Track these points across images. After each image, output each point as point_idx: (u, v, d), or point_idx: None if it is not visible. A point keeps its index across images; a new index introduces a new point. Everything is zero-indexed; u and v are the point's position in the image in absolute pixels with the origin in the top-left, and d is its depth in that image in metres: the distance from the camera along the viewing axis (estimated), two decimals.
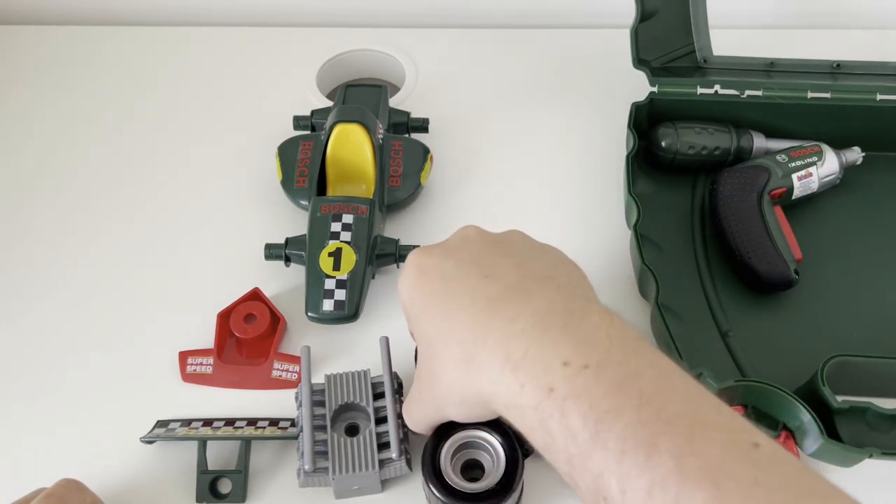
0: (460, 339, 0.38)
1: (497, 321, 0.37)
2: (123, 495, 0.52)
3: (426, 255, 0.44)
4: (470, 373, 0.38)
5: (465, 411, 0.41)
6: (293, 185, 0.64)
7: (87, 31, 0.81)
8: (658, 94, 0.66)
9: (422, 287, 0.42)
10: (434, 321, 0.40)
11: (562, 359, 0.34)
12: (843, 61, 0.67)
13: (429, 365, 0.42)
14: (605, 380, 0.33)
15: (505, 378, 0.35)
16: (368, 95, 0.68)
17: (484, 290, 0.39)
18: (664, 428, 0.31)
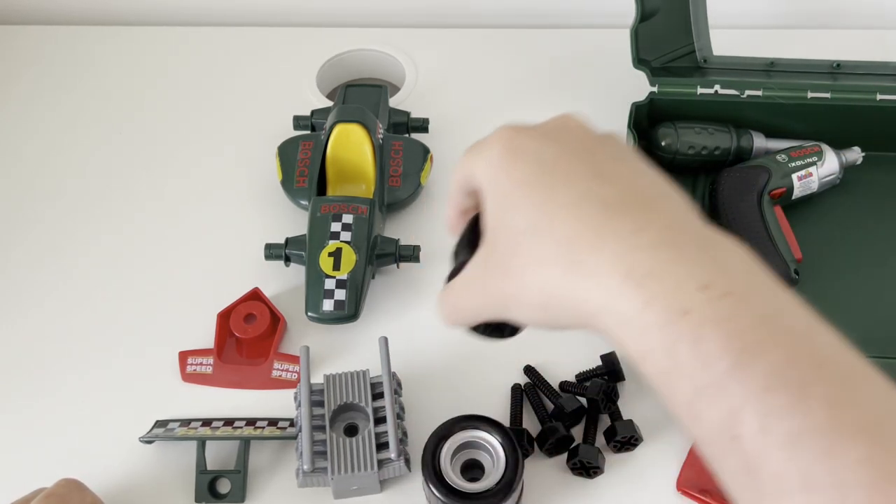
0: (562, 239, 0.34)
1: (616, 228, 0.33)
2: (123, 495, 0.52)
3: (520, 133, 0.38)
4: (572, 278, 0.33)
5: (540, 316, 0.36)
6: (293, 185, 0.64)
7: (87, 31, 0.81)
8: (658, 94, 0.66)
9: (510, 169, 0.37)
10: (523, 210, 0.36)
11: (699, 281, 0.31)
12: (843, 61, 0.67)
13: (503, 258, 0.37)
14: (750, 311, 0.30)
15: (626, 292, 0.31)
16: (368, 95, 0.68)
17: (598, 191, 0.35)
18: (816, 371, 0.29)
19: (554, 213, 0.35)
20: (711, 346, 0.30)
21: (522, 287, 0.36)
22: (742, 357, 0.29)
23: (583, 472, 0.52)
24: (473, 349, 0.58)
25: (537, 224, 0.35)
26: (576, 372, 0.57)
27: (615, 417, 0.54)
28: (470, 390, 0.56)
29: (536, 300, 0.36)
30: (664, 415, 0.55)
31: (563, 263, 0.34)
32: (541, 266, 0.35)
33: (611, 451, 0.53)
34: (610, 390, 0.54)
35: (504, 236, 0.37)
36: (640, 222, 0.33)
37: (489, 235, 0.38)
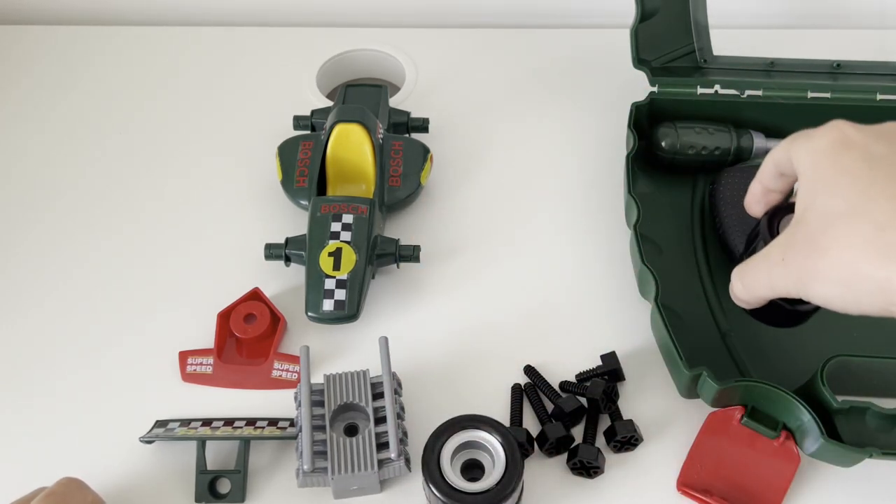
0: (879, 224, 0.37)
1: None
2: (122, 495, 0.52)
3: (853, 128, 0.41)
4: (884, 260, 0.36)
5: (840, 293, 0.39)
6: (293, 185, 0.64)
7: (87, 31, 0.81)
8: (658, 94, 0.66)
9: (837, 157, 0.40)
10: (843, 195, 0.38)
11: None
12: (843, 61, 0.67)
13: (814, 236, 0.39)
14: None
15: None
16: (368, 95, 0.68)
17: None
18: None
19: (875, 199, 0.37)
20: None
21: (829, 262, 0.38)
22: None
23: (583, 472, 0.52)
24: (473, 349, 0.58)
25: (855, 208, 0.38)
26: (576, 372, 0.57)
27: (615, 417, 0.54)
28: (470, 390, 0.56)
29: (841, 276, 0.38)
30: (664, 415, 0.55)
31: (876, 245, 0.36)
32: (852, 245, 0.37)
33: (611, 451, 0.53)
34: (610, 390, 0.54)
35: (816, 216, 0.40)
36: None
37: (799, 216, 0.41)
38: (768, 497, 0.50)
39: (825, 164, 0.41)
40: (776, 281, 0.43)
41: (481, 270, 0.63)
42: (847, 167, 0.40)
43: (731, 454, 0.52)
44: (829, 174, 0.40)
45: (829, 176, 0.40)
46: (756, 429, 0.51)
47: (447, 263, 0.63)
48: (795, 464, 0.51)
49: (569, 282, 0.62)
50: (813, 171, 0.41)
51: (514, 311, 0.60)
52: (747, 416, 0.51)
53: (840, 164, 0.40)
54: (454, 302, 0.61)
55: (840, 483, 0.52)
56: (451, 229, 0.65)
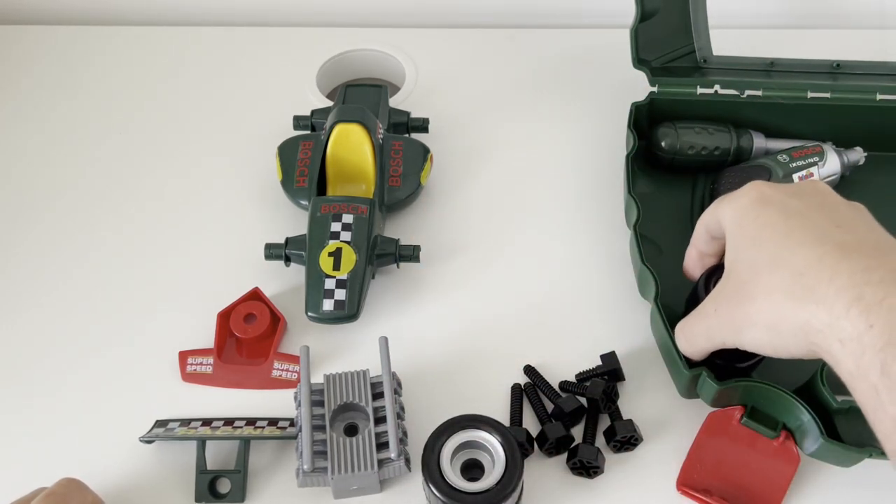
0: (798, 271, 0.39)
1: (849, 266, 0.38)
2: (122, 495, 0.52)
3: (770, 187, 0.45)
4: (803, 301, 0.38)
5: (768, 337, 0.42)
6: (293, 185, 0.64)
7: (87, 31, 0.81)
8: (658, 94, 0.66)
9: (757, 214, 0.44)
10: (765, 247, 0.42)
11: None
12: (843, 61, 0.67)
13: (741, 286, 0.43)
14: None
15: (851, 315, 0.36)
16: (368, 95, 0.68)
17: (835, 236, 0.40)
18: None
19: (794, 249, 0.40)
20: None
21: (756, 308, 0.41)
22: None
23: (583, 471, 0.52)
24: (473, 349, 0.58)
25: (776, 258, 0.41)
26: (575, 372, 0.57)
27: (615, 417, 0.54)
28: (470, 390, 0.56)
29: (768, 321, 0.41)
30: (664, 415, 0.55)
31: (796, 289, 0.39)
32: (775, 291, 0.40)
33: (610, 451, 0.53)
34: (610, 390, 0.54)
35: (744, 267, 0.43)
36: (872, 262, 0.37)
37: (728, 270, 0.44)
38: (768, 497, 0.50)
39: (747, 220, 0.44)
40: (713, 332, 0.46)
41: (481, 270, 0.63)
42: (767, 222, 0.43)
43: (731, 454, 0.51)
44: (752, 229, 0.43)
45: (752, 230, 0.43)
46: (756, 429, 0.51)
47: (447, 263, 0.63)
48: (795, 464, 0.51)
49: (569, 282, 0.62)
50: (737, 227, 0.45)
51: (513, 311, 0.60)
52: (747, 416, 0.51)
53: (760, 219, 0.43)
54: (454, 302, 0.61)
55: (840, 483, 0.52)
56: (451, 229, 0.65)
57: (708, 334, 0.47)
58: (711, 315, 0.46)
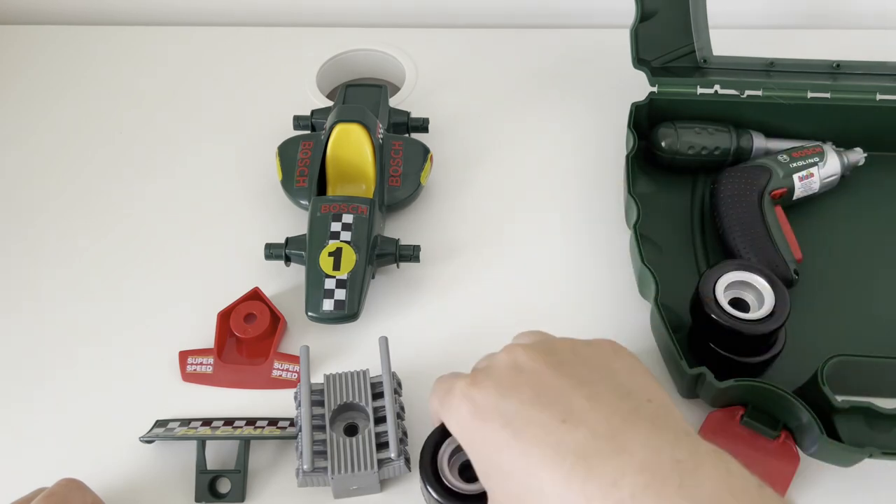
0: (552, 496, 0.36)
1: (596, 483, 0.34)
2: (122, 495, 0.52)
3: (477, 389, 0.40)
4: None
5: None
6: (293, 185, 0.64)
7: (87, 31, 0.81)
8: (658, 94, 0.66)
9: (479, 426, 0.39)
10: (512, 477, 0.38)
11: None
12: (842, 61, 0.67)
13: (511, 498, 0.39)
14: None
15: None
16: (368, 95, 0.68)
17: (567, 441, 0.36)
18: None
19: (539, 475, 0.36)
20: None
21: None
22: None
23: None
24: (473, 349, 0.58)
25: (529, 490, 0.36)
26: None
27: None
28: None
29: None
30: None
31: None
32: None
33: None
34: None
35: (504, 499, 0.39)
36: (616, 470, 0.34)
37: (489, 492, 0.41)
38: None
39: (472, 432, 0.40)
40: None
41: (481, 270, 0.63)
42: (492, 432, 0.39)
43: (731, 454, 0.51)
44: (486, 453, 0.39)
45: (487, 455, 0.39)
46: (756, 429, 0.51)
47: (447, 263, 0.63)
48: (795, 464, 0.51)
49: (569, 282, 0.62)
50: (470, 448, 0.41)
51: (513, 311, 0.60)
52: (747, 416, 0.51)
53: (484, 430, 0.39)
54: (454, 302, 0.61)
55: (840, 483, 0.52)
56: (451, 229, 0.65)
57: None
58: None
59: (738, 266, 0.54)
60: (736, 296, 0.54)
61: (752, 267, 0.54)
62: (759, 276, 0.54)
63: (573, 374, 0.39)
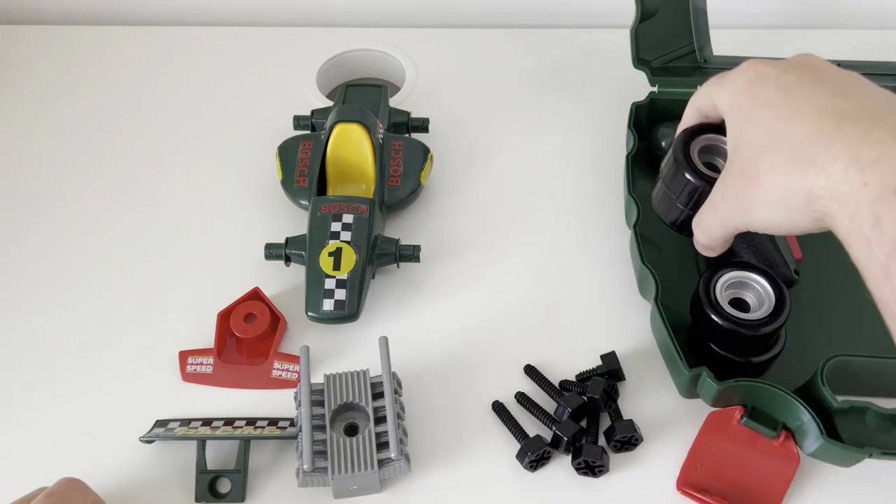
0: (797, 144, 0.39)
1: (848, 130, 0.38)
2: (122, 495, 0.52)
3: (765, 63, 0.45)
4: (804, 173, 0.39)
5: (776, 214, 0.42)
6: (293, 185, 0.64)
7: (87, 31, 0.81)
8: (658, 94, 0.66)
9: (754, 93, 0.43)
10: (764, 126, 0.42)
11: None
12: (843, 61, 0.67)
13: (745, 168, 0.43)
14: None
15: (849, 176, 0.37)
16: (369, 95, 0.68)
17: (834, 105, 0.40)
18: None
19: (792, 123, 0.40)
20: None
21: (761, 190, 0.42)
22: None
23: (588, 471, 0.52)
24: (474, 349, 0.58)
25: (775, 135, 0.41)
26: (576, 372, 0.57)
27: (615, 417, 0.54)
28: (470, 390, 0.56)
29: (774, 197, 0.41)
30: (664, 415, 0.55)
31: (798, 162, 0.39)
32: (778, 168, 0.40)
33: (611, 450, 0.53)
34: (610, 389, 0.54)
35: (745, 149, 0.43)
36: (869, 126, 0.38)
37: (731, 153, 0.44)
38: (768, 497, 0.50)
39: (744, 100, 0.44)
40: (724, 219, 0.46)
41: (481, 270, 0.63)
42: (764, 100, 0.43)
43: (731, 454, 0.51)
44: (749, 109, 0.43)
45: (749, 110, 0.43)
46: (756, 429, 0.51)
47: (447, 263, 0.63)
48: (795, 464, 0.51)
49: (569, 282, 0.62)
50: (735, 109, 0.45)
51: (514, 311, 0.60)
52: (747, 416, 0.51)
53: (758, 98, 0.43)
54: (454, 302, 0.61)
55: (840, 483, 0.52)
56: (451, 229, 0.65)
57: (720, 223, 0.47)
58: (719, 202, 0.46)
59: (739, 266, 0.54)
60: (736, 296, 0.54)
61: (752, 266, 0.54)
62: (760, 276, 0.54)
63: (860, 82, 0.43)
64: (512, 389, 0.56)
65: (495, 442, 0.54)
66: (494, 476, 0.53)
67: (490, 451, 0.54)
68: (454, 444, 0.54)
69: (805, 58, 0.46)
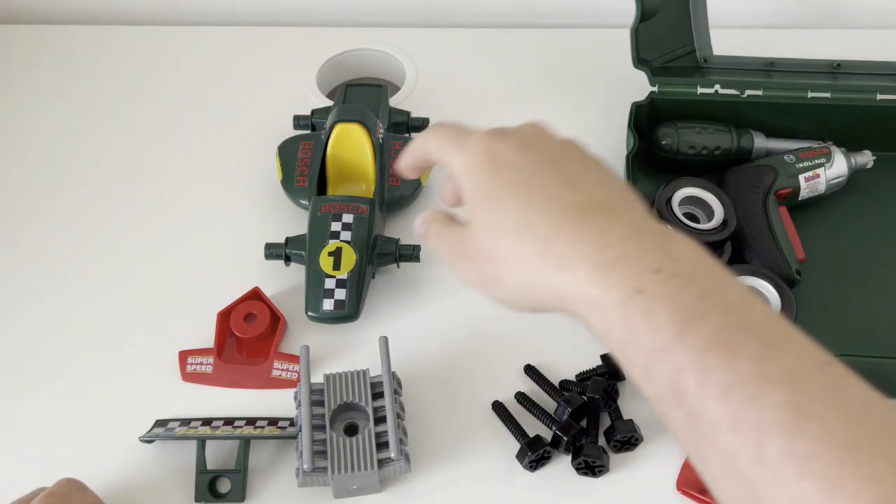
0: (542, 238, 0.40)
1: (589, 230, 0.39)
2: (122, 494, 0.52)
3: (499, 141, 0.44)
4: (549, 271, 0.40)
5: (518, 298, 0.43)
6: (293, 185, 0.64)
7: (87, 31, 0.81)
8: (658, 94, 0.66)
9: (493, 174, 0.43)
10: (509, 209, 0.42)
11: (653, 266, 0.37)
12: (843, 61, 0.67)
13: (486, 246, 0.43)
14: (693, 288, 0.36)
15: (593, 280, 0.38)
16: (368, 95, 0.68)
17: (570, 197, 0.41)
18: (746, 334, 0.34)
19: (536, 213, 0.41)
20: (660, 317, 0.35)
21: (505, 272, 0.42)
22: (685, 326, 0.35)
23: (588, 471, 0.52)
24: (474, 349, 0.58)
25: (520, 224, 0.41)
26: (576, 372, 0.57)
27: (615, 417, 0.54)
28: (470, 390, 0.56)
29: (518, 284, 0.42)
30: None
31: (543, 257, 0.40)
32: (525, 258, 0.41)
33: (611, 450, 0.53)
34: (610, 388, 0.54)
35: (486, 227, 0.43)
36: (608, 224, 0.39)
37: (472, 224, 0.44)
38: None
39: (484, 178, 0.43)
40: (466, 278, 0.46)
41: None
42: (503, 183, 0.43)
43: None
44: (489, 188, 0.43)
45: (490, 190, 0.43)
46: None
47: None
48: None
49: None
50: (471, 183, 0.44)
51: None
52: None
53: (497, 179, 0.43)
54: (454, 302, 0.61)
55: None
56: None
57: (452, 268, 0.46)
58: (468, 264, 0.45)
59: (744, 271, 0.54)
60: None
61: (757, 271, 0.54)
62: (765, 281, 0.54)
63: (586, 162, 0.44)
64: (512, 389, 0.56)
65: (495, 442, 0.54)
66: (494, 476, 0.53)
67: (490, 451, 0.54)
68: (454, 444, 0.54)
69: (534, 131, 0.46)
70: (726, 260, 0.60)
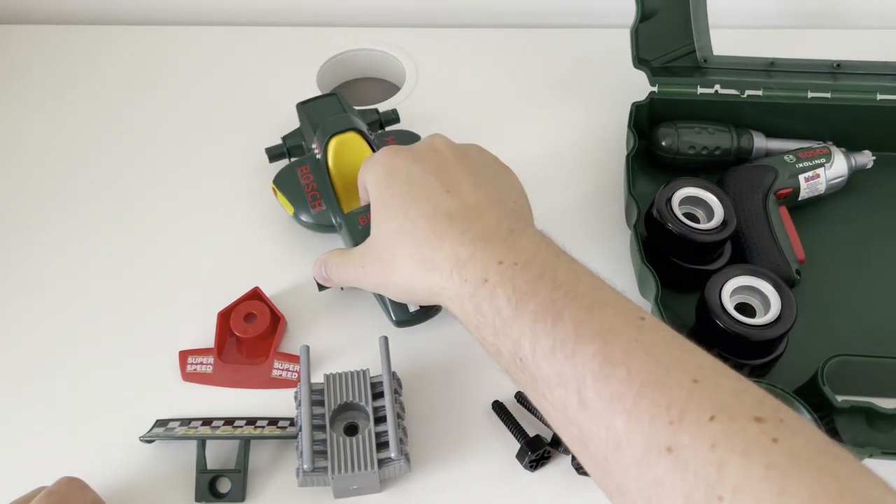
0: (419, 242, 0.46)
1: (453, 232, 0.45)
2: (122, 494, 0.52)
3: (397, 156, 0.50)
4: (426, 271, 0.46)
5: (408, 296, 0.51)
6: (311, 211, 0.62)
7: (87, 31, 0.81)
8: (658, 94, 0.66)
9: (387, 185, 0.49)
10: (396, 219, 0.48)
11: (497, 259, 0.43)
12: (843, 61, 0.67)
13: (382, 254, 0.49)
14: (528, 272, 0.42)
15: (454, 276, 0.44)
16: (329, 106, 0.66)
17: (445, 205, 0.47)
18: (569, 303, 0.40)
19: (416, 221, 0.47)
20: (500, 299, 0.42)
21: (394, 275, 0.49)
22: (519, 303, 0.41)
23: None
24: (474, 348, 0.58)
25: (404, 230, 0.47)
26: None
27: None
28: (470, 390, 0.56)
29: (406, 285, 0.48)
30: None
31: (420, 260, 0.46)
32: (406, 261, 0.47)
33: None
34: None
35: (382, 236, 0.49)
36: (468, 226, 0.45)
37: (373, 231, 0.50)
38: None
39: (381, 189, 0.50)
40: (363, 283, 0.53)
41: None
42: (395, 191, 0.49)
43: None
44: (385, 199, 0.49)
45: (385, 201, 0.49)
46: None
47: None
48: None
49: None
50: (375, 196, 0.50)
51: None
52: None
53: (391, 189, 0.49)
54: None
55: None
56: None
57: (358, 282, 0.53)
58: (360, 271, 0.52)
59: (745, 271, 0.54)
60: (742, 301, 0.54)
61: (757, 272, 0.54)
62: (766, 281, 0.54)
63: (472, 170, 0.50)
64: (512, 389, 0.56)
65: (495, 442, 0.54)
66: (494, 476, 0.53)
67: (490, 451, 0.54)
68: (454, 444, 0.54)
69: (432, 141, 0.52)
70: (726, 260, 0.59)
